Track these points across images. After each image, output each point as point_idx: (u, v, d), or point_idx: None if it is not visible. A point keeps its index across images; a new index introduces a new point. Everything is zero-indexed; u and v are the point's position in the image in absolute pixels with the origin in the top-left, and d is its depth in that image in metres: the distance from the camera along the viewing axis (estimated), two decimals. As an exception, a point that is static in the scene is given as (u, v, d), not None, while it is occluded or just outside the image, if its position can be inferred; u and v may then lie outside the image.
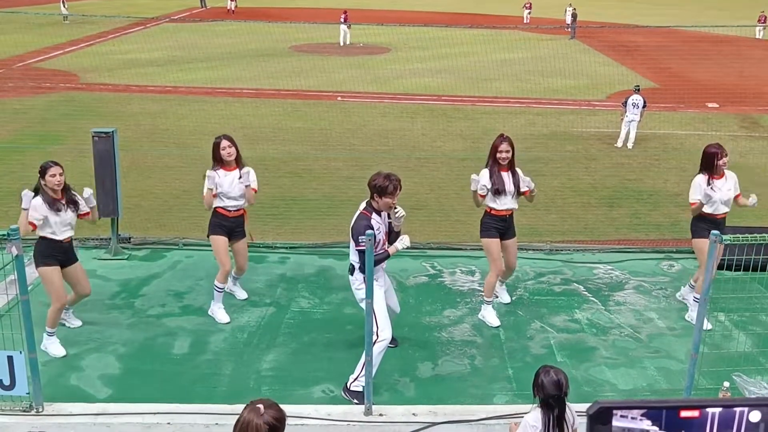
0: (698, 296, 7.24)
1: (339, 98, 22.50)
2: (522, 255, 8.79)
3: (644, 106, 17.51)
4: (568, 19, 41.28)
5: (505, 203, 6.95)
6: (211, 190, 6.84)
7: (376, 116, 19.59)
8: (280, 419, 2.99)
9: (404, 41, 33.40)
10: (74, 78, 24.86)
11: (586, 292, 7.87)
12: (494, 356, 6.58)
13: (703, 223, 6.99)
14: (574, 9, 39.30)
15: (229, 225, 7.01)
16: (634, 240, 10.54)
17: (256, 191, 7.06)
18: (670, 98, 21.73)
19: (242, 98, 21.95)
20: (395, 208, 5.95)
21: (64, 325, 6.75)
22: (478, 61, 27.43)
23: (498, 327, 7.06)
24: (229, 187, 6.87)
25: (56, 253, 6.23)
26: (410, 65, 28.26)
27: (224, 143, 6.88)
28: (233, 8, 47.24)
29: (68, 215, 6.24)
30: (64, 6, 38.95)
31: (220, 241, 7.00)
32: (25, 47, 29.51)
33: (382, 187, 5.79)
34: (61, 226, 6.19)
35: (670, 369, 6.39)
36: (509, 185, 6.89)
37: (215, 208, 6.99)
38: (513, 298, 7.69)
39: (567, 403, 4.21)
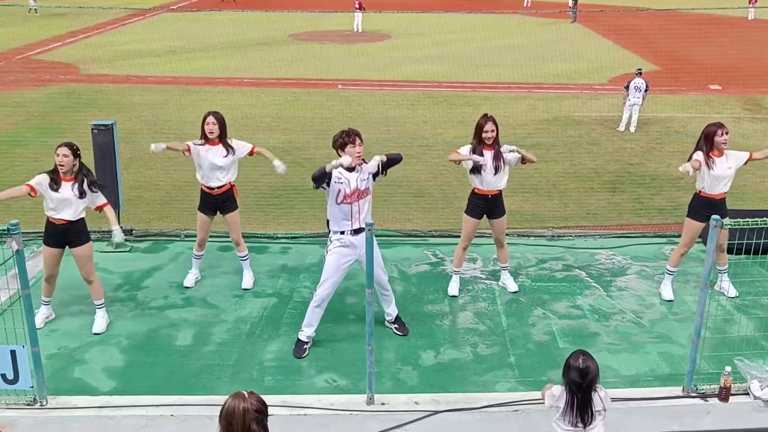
0: (671, 269, 7.33)
1: (339, 86, 22.42)
2: (524, 242, 8.80)
3: (646, 90, 17.41)
4: (570, 2, 41.03)
5: (487, 183, 7.06)
6: (187, 146, 7.17)
7: (376, 104, 19.51)
8: (264, 405, 3.17)
9: (404, 28, 33.26)
10: (74, 70, 24.81)
11: (588, 278, 7.86)
12: (496, 344, 6.58)
13: (700, 203, 7.06)
14: (575, -8, 39.03)
15: (214, 201, 7.28)
16: (636, 225, 10.52)
17: (254, 148, 7.35)
18: (672, 81, 21.60)
19: (243, 87, 21.91)
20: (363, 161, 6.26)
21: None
22: (478, 47, 27.32)
23: (499, 311, 7.07)
24: (208, 160, 7.12)
25: (52, 234, 6.47)
26: (410, 52, 28.13)
27: (209, 119, 7.14)
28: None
29: (67, 197, 6.30)
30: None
31: (201, 217, 7.37)
32: (24, 40, 29.43)
33: (344, 142, 6.19)
34: (56, 205, 6.33)
35: (672, 354, 6.40)
36: (489, 163, 7.00)
37: (201, 186, 7.26)
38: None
39: (599, 388, 4.23)
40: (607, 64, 24.33)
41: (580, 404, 4.19)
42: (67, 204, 6.34)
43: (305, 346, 6.43)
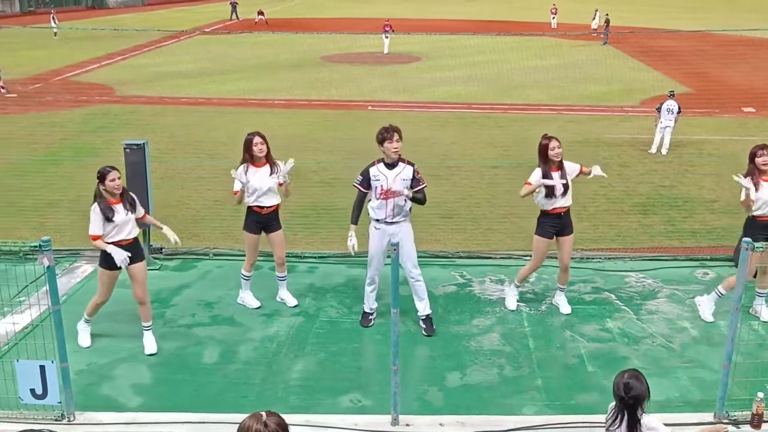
0: (722, 291, 7.14)
1: (369, 108, 22.56)
2: (552, 263, 8.70)
3: (679, 112, 17.24)
4: (594, 24, 40.96)
5: (556, 202, 7.09)
6: (238, 191, 7.15)
7: (406, 125, 19.45)
8: (283, 426, 3.08)
9: (434, 50, 33.43)
10: (110, 91, 25.33)
11: (617, 301, 7.75)
12: (523, 366, 6.51)
13: (754, 227, 6.91)
14: (607, 14, 38.93)
15: (263, 221, 7.30)
16: (667, 247, 10.37)
17: (285, 185, 7.27)
18: (705, 103, 21.39)
19: (274, 109, 22.15)
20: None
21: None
22: (509, 69, 27.32)
23: (526, 334, 7.01)
24: (260, 182, 7.12)
25: (110, 256, 6.43)
26: (440, 74, 28.24)
27: (257, 140, 7.14)
28: (264, 20, 47.65)
29: (126, 217, 6.41)
30: (54, 22, 39.95)
31: (249, 238, 7.38)
32: (63, 61, 30.17)
33: (383, 137, 6.70)
34: (117, 230, 6.40)
35: (703, 379, 6.27)
36: (558, 184, 7.02)
37: (249, 206, 7.26)
38: (542, 307, 7.61)
39: (646, 414, 4.17)
40: (638, 85, 24.18)
41: (628, 421, 4.12)
42: (125, 224, 6.43)
43: (370, 317, 7.19)
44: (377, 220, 6.89)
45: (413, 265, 6.99)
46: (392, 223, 6.86)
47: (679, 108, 17.27)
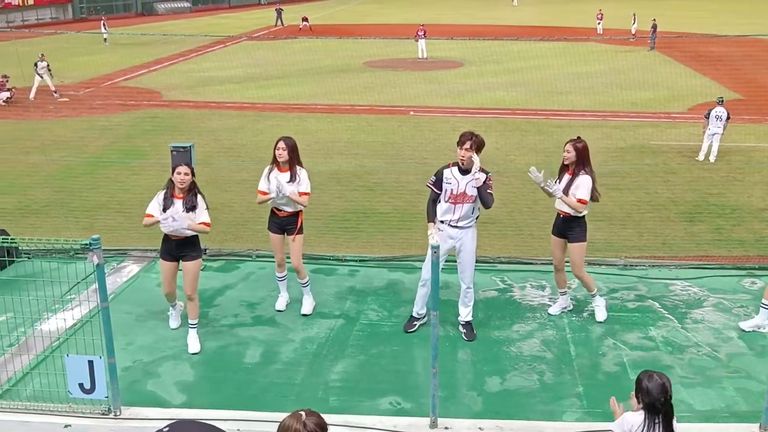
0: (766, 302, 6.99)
1: (411, 113, 22.59)
2: (594, 270, 8.62)
3: (728, 119, 16.88)
4: (633, 29, 40.43)
5: (554, 201, 7.19)
6: (264, 191, 7.21)
7: (448, 130, 19.54)
8: (322, 426, 3.08)
9: (477, 55, 33.31)
10: (157, 95, 25.82)
11: (661, 309, 7.64)
12: (564, 372, 6.46)
13: None
14: (654, 20, 38.33)
15: (280, 222, 7.35)
16: (714, 256, 10.16)
17: (306, 194, 7.20)
18: (755, 110, 20.89)
19: (317, 114, 22.32)
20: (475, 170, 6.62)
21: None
22: (552, 74, 27.09)
23: (567, 340, 6.95)
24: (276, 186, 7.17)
25: (167, 248, 6.77)
26: (483, 79, 28.13)
27: (279, 144, 7.20)
28: (308, 26, 48.06)
29: (177, 214, 6.53)
30: (104, 28, 40.82)
31: (271, 237, 7.49)
32: (113, 67, 30.85)
33: (458, 141, 6.73)
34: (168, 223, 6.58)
35: (750, 390, 6.14)
36: (561, 185, 7.03)
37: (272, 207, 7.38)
38: (584, 314, 7.54)
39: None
40: (686, 92, 23.72)
41: (664, 424, 4.07)
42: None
43: (414, 322, 7.15)
44: (441, 221, 6.86)
45: (468, 274, 6.96)
46: (456, 227, 6.82)
47: (728, 115, 16.90)
